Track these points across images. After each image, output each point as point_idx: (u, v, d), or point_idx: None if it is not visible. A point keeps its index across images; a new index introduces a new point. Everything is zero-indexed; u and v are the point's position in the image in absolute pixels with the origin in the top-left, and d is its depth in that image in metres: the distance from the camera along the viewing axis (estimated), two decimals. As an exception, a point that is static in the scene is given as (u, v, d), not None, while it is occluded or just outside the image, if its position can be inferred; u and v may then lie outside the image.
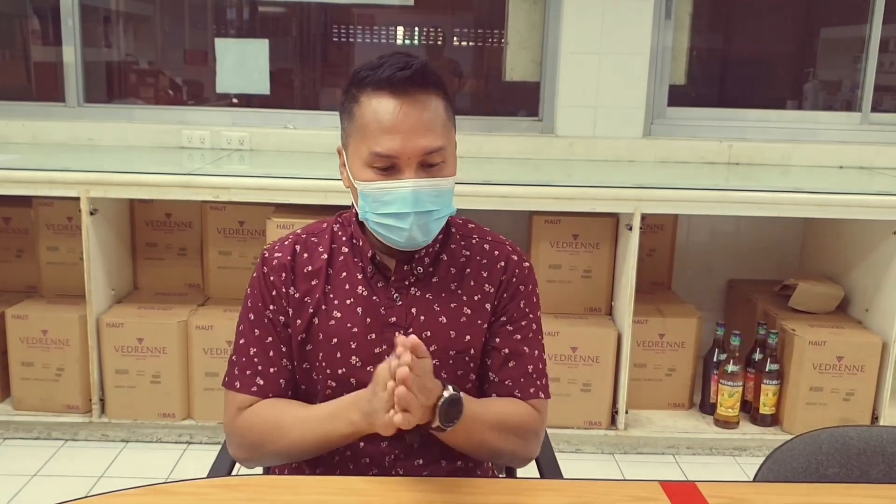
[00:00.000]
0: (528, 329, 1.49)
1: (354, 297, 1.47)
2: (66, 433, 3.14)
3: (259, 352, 1.46)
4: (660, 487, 1.29)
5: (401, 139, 1.34)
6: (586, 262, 3.24)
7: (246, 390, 1.45)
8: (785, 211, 3.08)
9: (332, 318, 1.46)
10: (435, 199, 1.39)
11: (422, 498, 1.25)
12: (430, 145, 1.36)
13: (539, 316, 1.53)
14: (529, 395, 1.46)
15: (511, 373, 1.47)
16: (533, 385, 1.47)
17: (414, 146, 1.35)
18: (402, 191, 1.36)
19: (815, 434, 1.42)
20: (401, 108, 1.34)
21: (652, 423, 3.20)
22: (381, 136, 1.35)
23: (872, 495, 1.31)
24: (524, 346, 1.48)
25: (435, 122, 1.37)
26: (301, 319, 1.47)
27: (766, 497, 1.30)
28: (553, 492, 1.30)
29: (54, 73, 3.79)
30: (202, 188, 2.97)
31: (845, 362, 3.10)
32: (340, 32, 4.20)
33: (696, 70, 4.15)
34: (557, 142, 3.66)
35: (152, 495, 1.24)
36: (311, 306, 1.47)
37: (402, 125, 1.34)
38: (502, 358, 1.47)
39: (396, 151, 1.35)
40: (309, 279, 1.48)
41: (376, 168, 1.37)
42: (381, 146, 1.35)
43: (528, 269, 1.53)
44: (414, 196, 1.36)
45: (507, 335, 1.48)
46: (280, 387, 1.46)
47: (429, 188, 1.38)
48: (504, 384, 1.47)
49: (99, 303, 3.07)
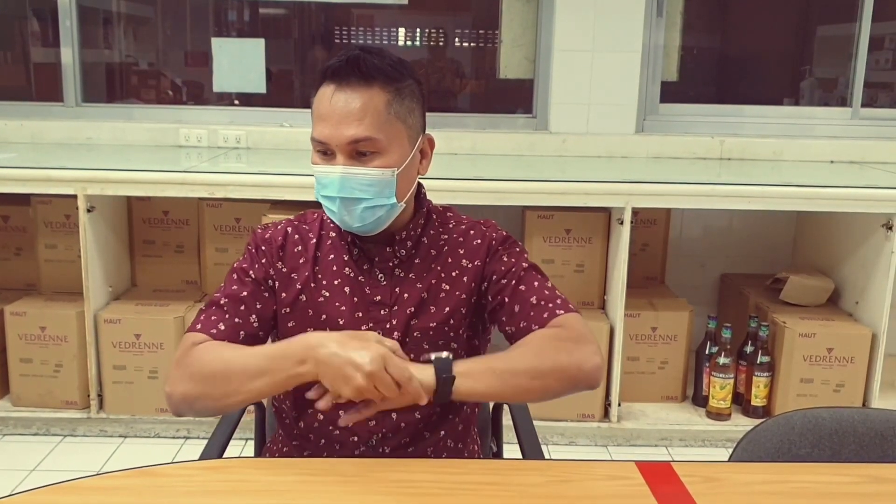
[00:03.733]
0: (517, 273, 1.52)
1: (342, 278, 1.53)
2: (65, 429, 3.17)
3: (229, 302, 1.50)
4: (635, 467, 1.32)
5: (330, 126, 1.41)
6: (579, 257, 3.27)
7: (205, 331, 1.46)
8: (776, 204, 3.10)
9: (321, 297, 1.52)
10: (365, 188, 1.43)
11: (406, 477, 1.28)
12: (356, 135, 1.40)
13: (526, 258, 1.56)
14: (545, 321, 1.46)
15: (521, 316, 1.48)
16: (545, 310, 1.47)
17: (340, 134, 1.40)
18: (331, 176, 1.43)
19: (789, 415, 1.45)
20: (333, 97, 1.41)
21: (645, 416, 3.23)
22: (317, 122, 1.43)
23: (842, 474, 1.34)
24: (521, 285, 1.51)
25: (367, 113, 1.40)
26: (287, 294, 1.53)
27: (739, 476, 1.33)
28: (534, 471, 1.34)
29: (54, 74, 3.84)
30: (199, 185, 3.01)
31: (835, 354, 3.13)
32: (342, 34, 4.24)
33: (692, 68, 4.19)
34: (551, 138, 3.69)
35: (142, 477, 1.28)
36: (298, 283, 1.53)
37: (332, 113, 1.41)
38: (509, 309, 1.50)
39: (326, 137, 1.41)
40: (297, 258, 1.55)
41: (318, 152, 1.45)
42: (316, 132, 1.43)
43: (502, 233, 1.59)
44: (341, 182, 1.42)
45: (504, 288, 1.52)
46: (238, 338, 1.47)
47: (358, 176, 1.42)
48: (521, 327, 1.48)
49: (97, 299, 3.10)
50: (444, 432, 1.58)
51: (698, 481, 1.29)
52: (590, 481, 1.30)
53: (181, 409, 1.41)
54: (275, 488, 1.25)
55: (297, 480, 1.27)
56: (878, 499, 1.28)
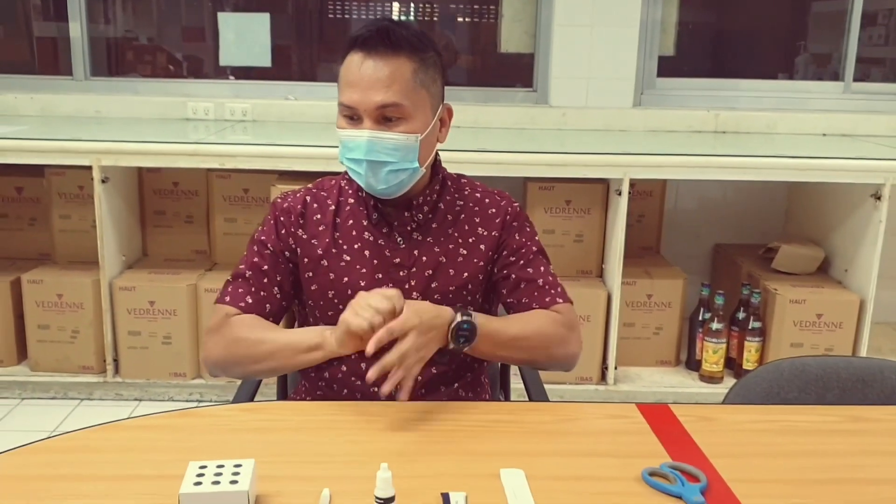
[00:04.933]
0: (528, 254, 1.66)
1: (362, 242, 1.63)
2: (82, 393, 3.29)
3: (254, 275, 1.62)
4: (636, 408, 1.44)
5: (359, 92, 1.50)
6: (578, 227, 3.38)
7: (234, 303, 1.60)
8: (768, 175, 3.21)
9: (343, 261, 1.62)
10: (391, 152, 1.52)
11: (426, 417, 1.40)
12: (385, 100, 1.49)
13: (537, 240, 1.70)
14: (547, 304, 1.62)
15: (525, 293, 1.63)
16: (547, 295, 1.63)
17: (369, 99, 1.49)
18: (358, 139, 1.52)
19: (777, 363, 1.57)
20: (363, 64, 1.50)
21: (640, 379, 3.36)
22: (346, 88, 1.51)
23: (826, 414, 1.46)
24: (528, 268, 1.65)
25: (395, 80, 1.49)
26: (309, 259, 1.63)
27: (731, 416, 1.45)
28: (543, 411, 1.45)
29: (55, 48, 3.91)
30: (209, 156, 3.10)
31: (824, 319, 3.25)
32: (336, 8, 4.30)
33: (689, 43, 4.26)
34: (551, 112, 3.79)
35: (184, 417, 1.39)
36: (319, 248, 1.63)
37: (361, 80, 1.49)
38: (513, 283, 1.64)
39: (355, 102, 1.50)
40: (317, 225, 1.65)
41: (345, 117, 1.54)
42: (345, 97, 1.52)
43: (518, 208, 1.71)
44: (368, 145, 1.51)
45: (512, 265, 1.65)
46: (265, 310, 1.61)
47: (383, 140, 1.52)
48: (522, 303, 1.63)
49: (111, 268, 3.20)
50: (458, 385, 1.69)
51: (694, 420, 1.41)
52: (595, 419, 1.41)
53: (215, 371, 1.60)
54: (308, 426, 1.36)
55: (328, 419, 1.38)
56: (858, 435, 1.40)
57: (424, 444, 1.31)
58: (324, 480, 1.18)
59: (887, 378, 1.57)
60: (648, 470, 1.24)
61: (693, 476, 1.23)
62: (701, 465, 1.26)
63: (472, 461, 1.26)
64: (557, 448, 1.32)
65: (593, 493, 1.19)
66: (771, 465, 1.29)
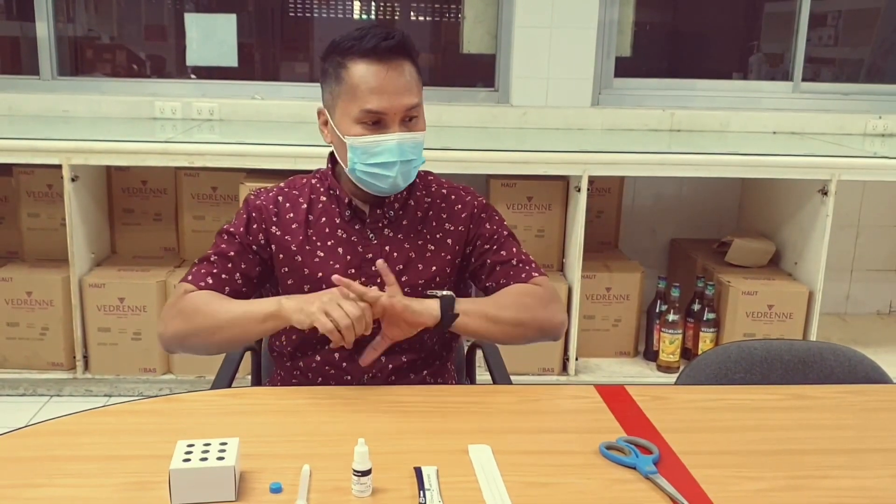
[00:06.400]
0: (500, 239, 1.76)
1: (335, 239, 1.71)
2: (52, 389, 3.32)
3: (219, 260, 1.69)
4: (594, 389, 1.54)
5: (388, 98, 1.59)
6: (539, 223, 3.48)
7: (195, 282, 1.67)
8: (721, 172, 3.33)
9: (317, 257, 1.70)
10: (413, 150, 1.64)
11: (399, 399, 1.49)
12: (410, 102, 1.61)
13: (505, 225, 1.80)
14: (524, 280, 1.71)
15: (501, 273, 1.73)
16: (523, 271, 1.72)
17: (399, 104, 1.60)
18: (389, 143, 1.61)
19: (725, 347, 1.68)
20: (387, 73, 1.59)
21: (600, 369, 3.47)
22: (371, 95, 1.59)
23: (770, 393, 1.58)
24: (502, 250, 1.75)
25: (412, 84, 1.62)
26: (284, 255, 1.71)
27: (682, 395, 1.56)
28: (507, 393, 1.55)
29: (18, 48, 3.93)
30: (178, 155, 3.15)
31: (775, 310, 3.39)
32: (297, 7, 4.35)
33: (645, 44, 4.38)
34: (512, 111, 3.89)
35: (168, 402, 1.46)
36: (293, 244, 1.70)
37: (388, 86, 1.59)
38: (490, 267, 1.74)
39: (385, 108, 1.59)
40: (290, 223, 1.72)
41: (365, 124, 1.61)
42: (372, 104, 1.59)
43: (482, 201, 1.81)
44: (399, 147, 1.61)
45: (486, 251, 1.75)
46: (224, 292, 1.67)
47: (410, 140, 1.63)
48: (500, 284, 1.72)
49: (81, 265, 3.24)
50: (427, 373, 1.78)
51: (648, 399, 1.52)
52: (556, 400, 1.52)
53: (172, 346, 1.66)
54: (287, 409, 1.45)
55: (305, 403, 1.47)
56: (799, 411, 1.52)
57: (398, 423, 1.40)
58: (304, 458, 1.26)
59: (826, 359, 1.69)
60: (605, 444, 1.34)
61: (646, 449, 1.33)
62: (654, 440, 1.36)
63: (442, 438, 1.35)
64: (521, 426, 1.42)
65: (554, 465, 1.29)
66: (718, 439, 1.40)
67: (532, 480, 1.24)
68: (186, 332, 1.61)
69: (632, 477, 1.26)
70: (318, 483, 1.21)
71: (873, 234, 4.09)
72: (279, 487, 1.20)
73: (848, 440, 1.42)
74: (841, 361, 1.71)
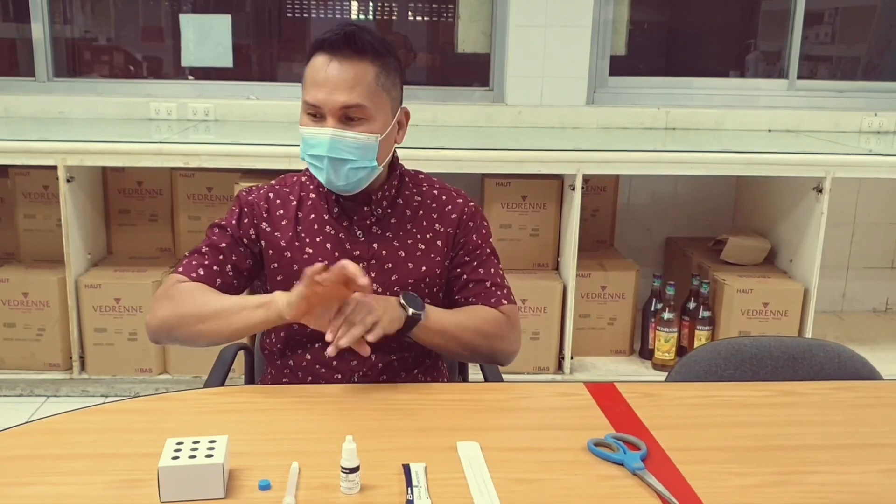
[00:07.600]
0: (482, 255, 1.76)
1: (323, 235, 1.71)
2: (48, 390, 3.33)
3: (210, 252, 1.70)
4: (584, 387, 1.54)
5: (325, 92, 1.58)
6: (534, 222, 3.49)
7: (186, 273, 1.67)
8: (716, 170, 3.34)
9: (306, 253, 1.70)
10: (352, 150, 1.61)
11: (388, 397, 1.49)
12: (348, 101, 1.58)
13: (490, 242, 1.80)
14: (493, 305, 1.72)
15: (473, 291, 1.74)
16: (493, 296, 1.73)
17: (334, 100, 1.58)
18: (320, 137, 1.61)
19: (715, 344, 1.69)
20: (328, 66, 1.58)
21: (596, 368, 3.47)
22: (311, 88, 1.60)
23: (760, 390, 1.58)
24: (480, 268, 1.75)
25: (358, 83, 1.59)
26: (273, 251, 1.71)
27: (673, 392, 1.56)
28: (498, 391, 1.56)
29: (14, 49, 3.93)
30: (173, 155, 3.16)
31: (770, 308, 3.39)
32: (294, 8, 4.36)
33: (641, 42, 4.39)
34: (507, 110, 3.90)
35: (161, 401, 1.47)
36: (283, 240, 1.71)
37: (327, 81, 1.58)
38: (464, 282, 1.74)
39: (320, 102, 1.59)
40: (280, 220, 1.73)
41: (309, 115, 1.62)
42: (310, 96, 1.60)
43: (474, 207, 1.80)
44: (330, 143, 1.60)
45: (465, 264, 1.75)
46: (215, 284, 1.67)
47: (344, 139, 1.61)
48: (469, 301, 1.73)
49: (77, 266, 3.24)
50: (417, 371, 1.78)
51: (638, 397, 1.52)
52: (545, 397, 1.52)
53: (159, 335, 1.65)
54: (276, 407, 1.45)
55: (296, 401, 1.48)
56: (788, 407, 1.52)
57: (386, 420, 1.41)
58: (293, 455, 1.26)
59: (815, 356, 1.70)
60: (594, 440, 1.34)
61: (634, 445, 1.34)
62: (642, 436, 1.37)
63: (431, 435, 1.36)
64: (510, 423, 1.42)
65: (543, 461, 1.29)
66: (707, 435, 1.40)
67: (520, 477, 1.24)
68: (173, 321, 1.61)
69: (619, 473, 1.26)
70: (307, 480, 1.21)
71: (869, 231, 4.10)
72: (268, 485, 1.20)
73: (835, 436, 1.42)
74: (831, 358, 1.71)
